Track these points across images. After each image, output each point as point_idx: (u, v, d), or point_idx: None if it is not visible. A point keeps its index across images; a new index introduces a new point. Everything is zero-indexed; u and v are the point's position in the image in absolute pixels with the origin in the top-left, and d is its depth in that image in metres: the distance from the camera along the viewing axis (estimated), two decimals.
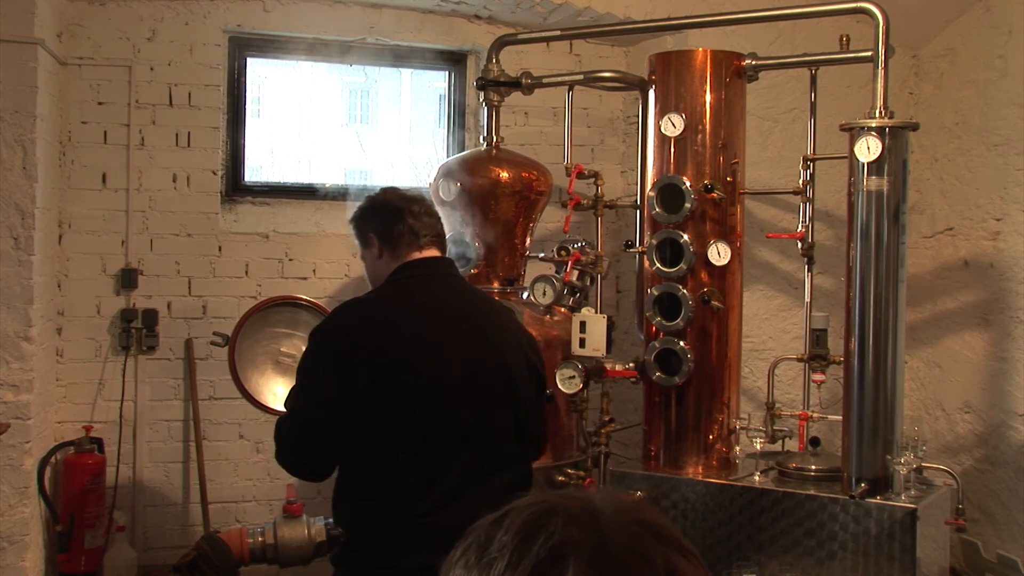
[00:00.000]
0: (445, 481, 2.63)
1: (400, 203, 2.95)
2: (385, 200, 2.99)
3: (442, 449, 2.65)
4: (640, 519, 0.97)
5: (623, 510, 0.97)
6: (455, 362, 2.72)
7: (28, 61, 4.07)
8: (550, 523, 0.94)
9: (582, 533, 0.93)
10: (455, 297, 2.88)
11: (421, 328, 2.74)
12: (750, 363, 4.84)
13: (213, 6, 4.81)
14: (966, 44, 4.94)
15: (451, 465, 2.64)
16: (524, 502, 0.99)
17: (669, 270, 3.93)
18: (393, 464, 2.63)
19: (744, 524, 3.68)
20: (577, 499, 0.99)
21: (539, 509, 0.97)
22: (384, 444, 2.64)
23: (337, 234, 4.90)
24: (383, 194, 3.05)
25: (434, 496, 2.61)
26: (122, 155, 4.72)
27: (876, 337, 3.55)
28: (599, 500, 0.99)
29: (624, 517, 0.96)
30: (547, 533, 0.93)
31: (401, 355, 2.66)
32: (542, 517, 0.95)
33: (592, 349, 3.84)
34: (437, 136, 5.48)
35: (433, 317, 2.78)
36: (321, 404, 2.63)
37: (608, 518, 0.95)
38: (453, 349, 2.73)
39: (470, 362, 2.74)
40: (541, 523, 0.94)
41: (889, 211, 3.54)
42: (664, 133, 3.97)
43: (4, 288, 4.05)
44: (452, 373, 2.70)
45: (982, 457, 4.77)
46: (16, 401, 4.07)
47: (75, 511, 4.40)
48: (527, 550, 0.92)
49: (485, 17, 5.16)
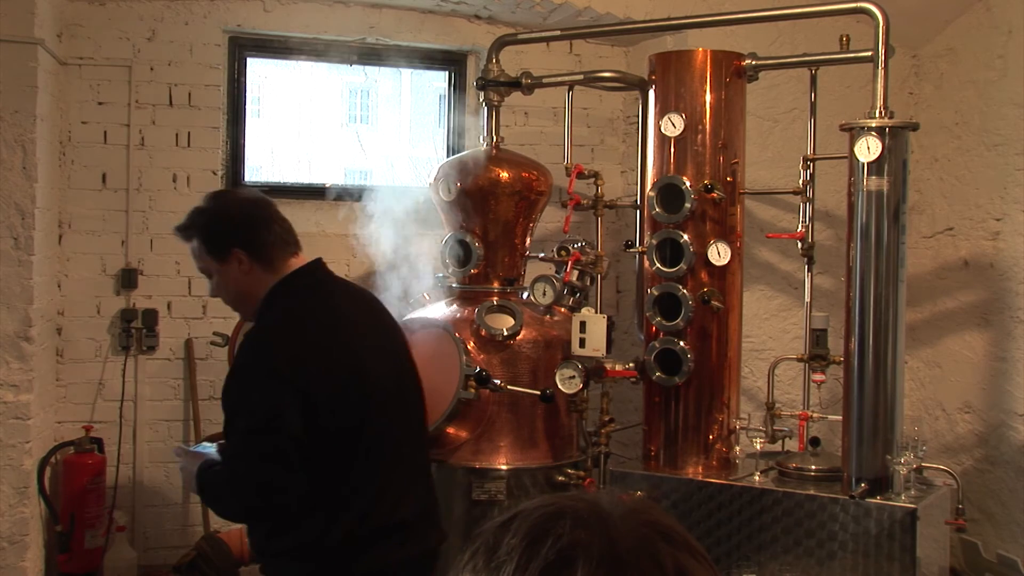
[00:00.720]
0: (394, 489, 2.64)
1: (259, 210, 2.73)
2: (241, 210, 2.73)
3: (391, 458, 2.64)
4: (649, 520, 0.97)
5: (631, 512, 0.97)
6: (387, 374, 2.70)
7: (28, 61, 4.07)
8: (558, 525, 0.94)
9: (591, 535, 0.93)
10: (360, 302, 2.83)
11: (358, 343, 2.67)
12: (750, 363, 4.84)
13: (213, 6, 4.81)
14: (966, 44, 4.94)
15: (398, 472, 2.67)
16: (532, 504, 0.99)
17: (669, 270, 3.93)
18: (350, 476, 2.57)
19: (744, 524, 3.68)
20: (585, 501, 0.99)
21: (547, 512, 0.96)
22: (341, 459, 2.57)
23: (337, 234, 4.89)
24: (230, 203, 2.79)
25: (384, 505, 2.62)
26: (122, 155, 4.72)
27: (876, 337, 3.55)
28: (607, 502, 0.99)
29: (633, 519, 0.96)
30: (555, 535, 0.92)
31: (351, 372, 2.59)
32: (550, 519, 0.95)
33: (592, 349, 3.84)
34: (437, 136, 5.48)
35: (359, 329, 2.71)
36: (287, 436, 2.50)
37: (616, 520, 0.95)
38: (382, 360, 2.70)
39: (396, 370, 2.76)
40: (549, 526, 0.94)
41: (889, 211, 3.54)
42: (664, 133, 3.97)
43: (4, 288, 4.05)
44: (389, 384, 2.69)
45: (982, 457, 4.77)
46: (16, 401, 4.07)
47: (75, 511, 4.40)
48: (536, 553, 0.91)
49: (485, 17, 5.16)
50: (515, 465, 3.91)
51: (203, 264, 2.70)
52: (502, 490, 3.85)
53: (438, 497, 2.90)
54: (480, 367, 3.79)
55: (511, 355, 3.94)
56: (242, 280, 2.67)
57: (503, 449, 3.92)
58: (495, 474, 3.88)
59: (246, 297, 2.71)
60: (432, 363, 3.93)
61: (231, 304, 2.80)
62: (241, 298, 2.73)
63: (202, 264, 2.71)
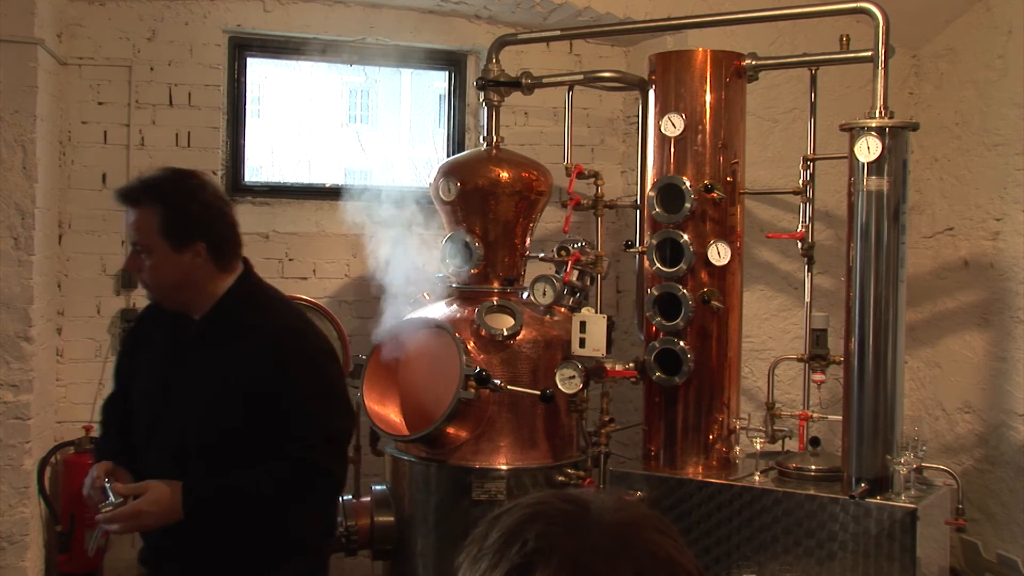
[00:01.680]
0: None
1: (227, 206, 2.69)
2: (215, 201, 2.66)
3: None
4: (626, 531, 0.98)
5: (611, 522, 0.98)
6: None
7: (28, 61, 4.07)
8: (530, 529, 0.97)
9: (559, 541, 0.95)
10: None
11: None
12: (750, 363, 4.84)
13: (213, 6, 4.81)
14: (966, 44, 4.94)
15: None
16: (524, 501, 1.02)
17: (669, 270, 3.93)
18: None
19: (744, 524, 3.68)
20: (569, 503, 1.01)
21: (526, 514, 1.00)
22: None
23: (337, 234, 4.90)
24: (203, 191, 2.65)
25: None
26: (122, 155, 4.71)
27: (876, 337, 3.55)
28: (596, 505, 1.00)
29: (609, 527, 0.97)
30: (523, 540, 0.96)
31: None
32: (525, 522, 0.98)
33: (592, 349, 3.84)
34: (437, 136, 5.48)
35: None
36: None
37: (591, 527, 0.97)
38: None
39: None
40: (523, 528, 0.97)
41: (889, 211, 3.54)
42: (664, 133, 3.97)
43: (4, 288, 4.05)
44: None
45: (982, 457, 4.77)
46: (16, 401, 4.07)
47: (75, 511, 4.40)
48: (505, 554, 0.96)
49: (485, 17, 5.16)
50: (515, 465, 3.91)
51: (146, 241, 2.56)
52: (502, 490, 3.85)
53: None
54: (480, 367, 3.79)
55: (511, 355, 3.94)
56: (189, 272, 2.58)
57: (503, 449, 3.92)
58: (495, 474, 3.87)
59: (184, 288, 2.61)
60: (432, 363, 3.93)
61: (155, 288, 2.64)
62: (178, 288, 2.61)
63: (144, 240, 2.56)
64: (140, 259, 2.59)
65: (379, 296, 4.01)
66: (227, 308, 2.64)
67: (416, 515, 3.96)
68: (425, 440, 3.86)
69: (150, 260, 2.57)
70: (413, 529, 3.95)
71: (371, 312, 4.12)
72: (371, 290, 4.10)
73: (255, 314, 2.67)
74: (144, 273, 2.61)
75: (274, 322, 2.66)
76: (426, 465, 3.95)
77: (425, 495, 3.94)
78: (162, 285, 2.62)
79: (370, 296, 4.11)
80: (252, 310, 2.67)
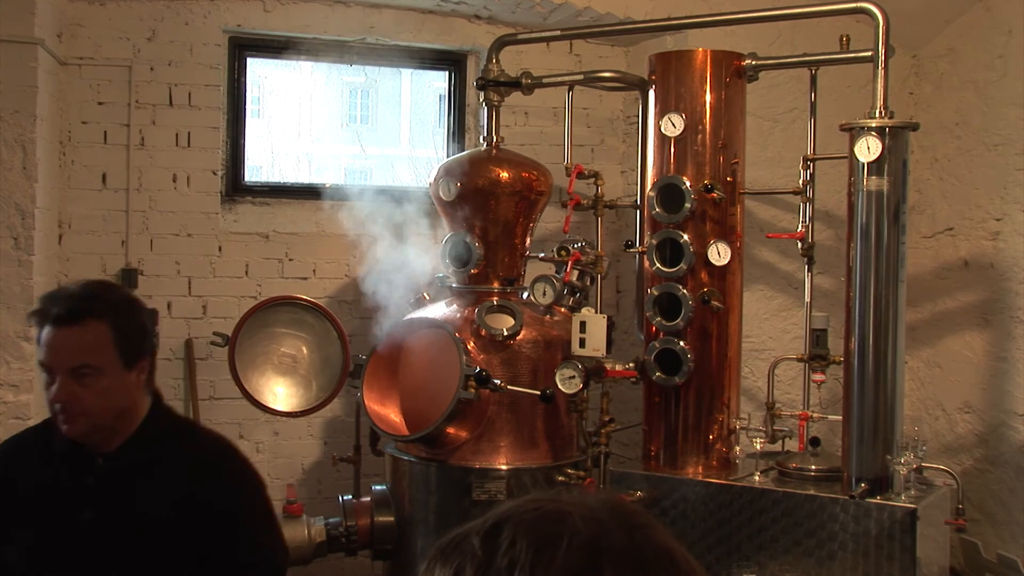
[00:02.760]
0: None
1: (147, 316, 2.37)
2: (148, 312, 2.39)
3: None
4: (594, 545, 0.95)
5: (588, 531, 0.96)
6: None
7: (28, 61, 4.07)
8: (565, 525, 0.94)
9: (605, 531, 0.94)
10: None
11: None
12: (750, 363, 4.84)
13: (213, 6, 4.81)
14: (966, 44, 4.94)
15: None
16: (515, 510, 0.99)
17: (669, 270, 3.93)
18: None
19: (744, 524, 3.68)
20: (548, 500, 0.99)
21: (545, 512, 0.97)
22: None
23: (337, 234, 4.89)
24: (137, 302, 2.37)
25: None
26: (122, 155, 4.72)
27: (876, 337, 3.55)
28: (566, 500, 0.99)
29: (583, 540, 0.94)
30: (568, 535, 0.93)
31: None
32: (554, 520, 0.95)
33: (592, 349, 3.84)
34: (437, 136, 5.48)
35: None
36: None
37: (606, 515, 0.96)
38: None
39: None
40: (556, 528, 0.94)
41: (889, 211, 3.54)
42: (664, 133, 3.97)
43: (4, 288, 4.05)
44: None
45: (982, 457, 4.77)
46: (16, 401, 4.07)
47: None
48: (552, 557, 0.92)
49: (485, 17, 5.16)
50: (515, 465, 3.91)
51: (99, 360, 2.17)
52: (502, 490, 3.85)
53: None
54: (480, 367, 3.79)
55: (511, 355, 3.94)
56: (133, 393, 2.26)
57: (503, 449, 3.92)
58: (495, 474, 3.88)
59: (122, 415, 2.25)
60: (432, 363, 3.94)
61: (97, 416, 2.20)
62: (121, 415, 2.25)
63: (96, 359, 2.17)
64: (81, 385, 2.18)
65: (379, 296, 4.02)
66: (147, 439, 2.30)
67: (416, 515, 3.96)
68: (425, 440, 3.86)
69: (99, 383, 2.18)
70: (413, 529, 3.96)
71: (371, 312, 4.12)
72: (371, 290, 4.10)
73: (178, 445, 2.35)
74: (85, 401, 2.19)
75: (203, 453, 2.38)
76: (426, 465, 3.95)
77: (425, 495, 3.94)
78: (106, 412, 2.22)
79: (370, 296, 4.11)
80: (174, 440, 2.36)
